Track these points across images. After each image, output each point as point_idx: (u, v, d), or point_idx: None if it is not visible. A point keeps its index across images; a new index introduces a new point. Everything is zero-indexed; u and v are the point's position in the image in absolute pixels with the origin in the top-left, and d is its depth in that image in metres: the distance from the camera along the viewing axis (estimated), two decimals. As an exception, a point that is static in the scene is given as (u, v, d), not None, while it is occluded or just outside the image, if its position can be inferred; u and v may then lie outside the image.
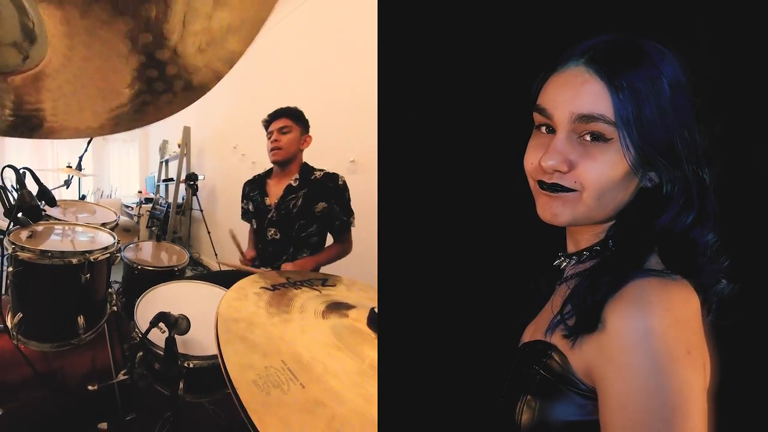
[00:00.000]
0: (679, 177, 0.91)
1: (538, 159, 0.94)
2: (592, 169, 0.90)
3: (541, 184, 0.96)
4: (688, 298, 0.84)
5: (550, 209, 0.97)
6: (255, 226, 3.00)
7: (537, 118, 0.98)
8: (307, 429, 0.87)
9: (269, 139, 2.88)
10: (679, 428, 0.74)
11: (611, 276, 0.88)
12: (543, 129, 0.97)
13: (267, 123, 2.92)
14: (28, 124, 0.74)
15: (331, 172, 2.87)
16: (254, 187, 3.06)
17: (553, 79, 0.96)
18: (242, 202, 3.14)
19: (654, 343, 0.77)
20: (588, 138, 0.90)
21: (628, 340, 0.79)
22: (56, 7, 0.54)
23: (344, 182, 2.82)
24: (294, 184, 2.81)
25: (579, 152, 0.91)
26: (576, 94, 0.91)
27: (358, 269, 2.66)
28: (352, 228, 2.88)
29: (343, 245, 2.90)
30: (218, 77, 0.66)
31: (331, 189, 2.78)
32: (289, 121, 2.86)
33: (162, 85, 0.67)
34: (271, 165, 2.99)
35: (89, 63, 0.64)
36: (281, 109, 2.95)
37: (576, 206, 0.94)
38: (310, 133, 2.89)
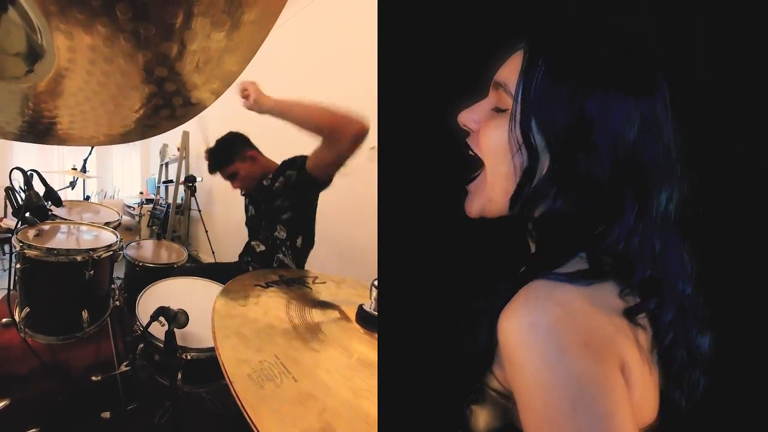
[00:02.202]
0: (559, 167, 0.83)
1: None
2: (487, 138, 0.89)
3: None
4: (586, 295, 0.76)
5: (465, 204, 0.96)
6: (246, 203, 2.99)
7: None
8: (298, 420, 0.87)
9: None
10: (587, 419, 0.67)
11: (507, 284, 0.83)
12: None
13: (211, 172, 2.89)
14: (43, 131, 0.75)
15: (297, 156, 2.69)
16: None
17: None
18: (245, 210, 3.08)
19: (540, 337, 0.71)
20: (496, 108, 0.88)
21: (516, 337, 0.73)
22: (85, 33, 0.54)
23: (303, 158, 2.59)
24: (265, 183, 2.71)
25: (486, 117, 0.90)
26: (503, 65, 0.89)
27: (352, 269, 2.65)
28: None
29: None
30: (215, 95, 0.66)
31: (285, 168, 2.63)
32: (228, 168, 2.81)
33: (161, 101, 0.67)
34: None
35: (105, 88, 0.64)
36: (211, 164, 2.90)
37: (481, 193, 0.92)
38: (304, 134, 2.76)
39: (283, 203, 2.60)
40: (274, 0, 0.52)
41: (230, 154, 2.82)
